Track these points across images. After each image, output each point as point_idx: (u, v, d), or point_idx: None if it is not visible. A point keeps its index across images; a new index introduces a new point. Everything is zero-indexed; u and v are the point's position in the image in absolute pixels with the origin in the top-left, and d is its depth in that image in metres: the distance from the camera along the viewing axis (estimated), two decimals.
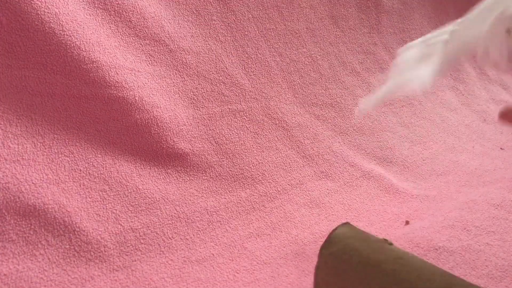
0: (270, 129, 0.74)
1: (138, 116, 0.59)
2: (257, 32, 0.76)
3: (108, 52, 0.57)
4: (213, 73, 0.69)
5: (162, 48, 0.64)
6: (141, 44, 0.62)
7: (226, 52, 0.72)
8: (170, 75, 0.65)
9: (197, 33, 0.69)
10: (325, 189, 0.72)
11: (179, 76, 0.66)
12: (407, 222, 0.65)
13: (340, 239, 0.40)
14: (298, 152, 0.75)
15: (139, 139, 0.59)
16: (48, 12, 0.51)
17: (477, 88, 1.23)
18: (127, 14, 0.61)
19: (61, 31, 0.52)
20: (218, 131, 0.67)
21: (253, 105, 0.73)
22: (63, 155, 0.53)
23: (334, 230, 0.42)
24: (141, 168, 0.59)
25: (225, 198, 0.63)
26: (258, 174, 0.68)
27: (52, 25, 0.51)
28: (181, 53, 0.66)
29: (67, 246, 0.49)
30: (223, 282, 0.52)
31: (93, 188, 0.54)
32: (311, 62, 0.84)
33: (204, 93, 0.68)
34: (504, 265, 0.55)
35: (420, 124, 0.99)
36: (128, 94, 0.58)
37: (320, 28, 0.86)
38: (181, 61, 0.66)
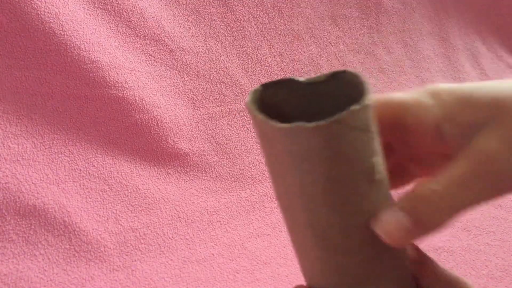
0: None
1: (138, 116, 0.59)
2: (257, 32, 0.76)
3: (108, 52, 0.57)
4: (213, 73, 0.69)
5: (162, 48, 0.64)
6: (141, 44, 0.62)
7: (226, 52, 0.72)
8: (170, 75, 0.65)
9: (197, 33, 0.69)
10: None
11: (179, 76, 0.66)
12: None
13: None
14: None
15: (139, 139, 0.59)
16: (48, 12, 0.51)
17: None
18: (127, 14, 0.61)
19: (61, 31, 0.52)
20: (218, 131, 0.67)
21: None
22: (63, 155, 0.53)
23: None
24: (141, 168, 0.59)
25: (225, 198, 0.63)
26: (258, 174, 0.68)
27: (52, 25, 0.51)
28: (181, 53, 0.66)
29: (67, 246, 0.49)
30: (223, 282, 0.52)
31: (93, 188, 0.54)
32: (311, 62, 0.84)
33: (204, 93, 0.68)
34: (504, 265, 0.55)
35: None
36: (128, 94, 0.58)
37: (320, 28, 0.86)
38: (181, 61, 0.66)
